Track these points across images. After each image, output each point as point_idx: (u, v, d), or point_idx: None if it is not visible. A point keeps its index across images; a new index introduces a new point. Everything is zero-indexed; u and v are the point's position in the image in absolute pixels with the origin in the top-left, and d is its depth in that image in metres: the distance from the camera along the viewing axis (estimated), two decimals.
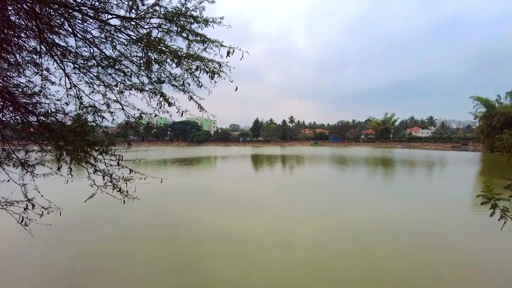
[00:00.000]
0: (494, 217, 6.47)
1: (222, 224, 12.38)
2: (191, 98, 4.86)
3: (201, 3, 4.30)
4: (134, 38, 4.56)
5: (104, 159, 5.41)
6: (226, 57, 4.34)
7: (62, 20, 4.41)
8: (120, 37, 4.64)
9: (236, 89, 4.61)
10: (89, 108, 5.11)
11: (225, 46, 4.38)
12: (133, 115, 5.17)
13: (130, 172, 5.65)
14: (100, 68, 4.91)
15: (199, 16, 4.39)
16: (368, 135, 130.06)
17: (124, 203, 5.74)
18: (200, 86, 4.69)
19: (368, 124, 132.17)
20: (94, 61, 4.85)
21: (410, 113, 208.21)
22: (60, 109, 5.07)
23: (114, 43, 4.68)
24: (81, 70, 4.93)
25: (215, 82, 4.49)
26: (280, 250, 9.58)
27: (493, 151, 56.30)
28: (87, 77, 5.00)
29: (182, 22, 4.37)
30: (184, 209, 15.10)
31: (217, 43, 4.42)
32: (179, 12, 4.36)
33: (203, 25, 4.39)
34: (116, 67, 4.89)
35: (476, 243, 9.90)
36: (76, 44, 4.73)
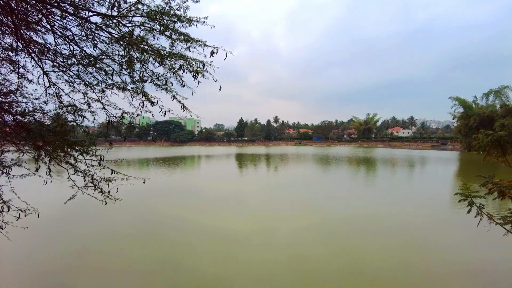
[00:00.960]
0: (471, 214, 6.75)
1: (207, 222, 12.40)
2: (174, 97, 4.81)
3: (185, 2, 4.27)
4: (116, 36, 4.48)
5: (85, 159, 5.29)
6: (210, 57, 4.34)
7: (40, 16, 4.29)
8: (102, 35, 4.55)
9: (220, 89, 4.61)
10: (69, 107, 4.97)
11: (209, 45, 4.37)
12: (114, 115, 5.07)
13: (111, 173, 5.55)
14: (80, 66, 4.79)
15: (183, 15, 4.36)
16: (350, 135, 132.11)
17: (105, 204, 5.63)
18: (184, 86, 4.64)
19: (351, 124, 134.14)
20: (74, 59, 4.73)
21: (391, 113, 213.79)
22: (38, 108, 4.92)
23: (95, 41, 4.58)
24: (61, 69, 4.80)
25: (199, 81, 4.47)
26: (263, 247, 9.68)
27: (470, 151, 58.41)
28: (67, 76, 4.87)
29: (165, 21, 4.33)
30: (168, 208, 14.99)
31: (200, 43, 4.40)
32: (163, 11, 4.32)
33: (186, 24, 4.36)
34: (97, 65, 4.78)
35: (452, 240, 10.22)
36: (55, 42, 4.60)
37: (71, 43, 4.56)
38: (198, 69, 4.40)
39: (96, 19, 4.41)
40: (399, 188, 21.58)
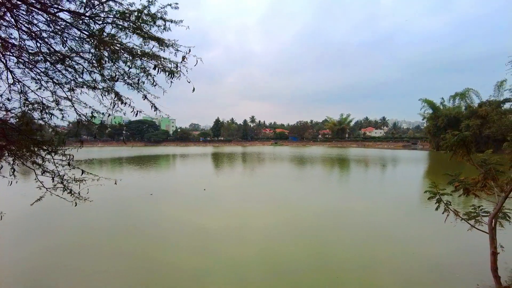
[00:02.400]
0: (439, 211, 7.07)
1: (183, 220, 12.51)
2: (145, 97, 4.71)
3: (164, 7, 4.23)
4: (86, 34, 4.35)
5: (54, 159, 5.11)
6: (181, 62, 4.31)
7: (3, 10, 4.10)
8: (71, 32, 4.41)
9: (194, 90, 4.58)
10: (36, 105, 4.77)
11: (181, 51, 4.34)
12: (85, 114, 4.92)
13: (82, 173, 5.39)
14: (48, 63, 4.61)
15: (162, 17, 4.31)
16: (325, 135, 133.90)
17: (76, 205, 5.46)
18: (155, 85, 4.57)
19: (325, 124, 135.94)
20: (41, 56, 4.54)
21: (364, 114, 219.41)
22: (0, 105, 4.69)
23: (64, 38, 4.42)
24: (26, 65, 4.60)
25: (171, 82, 4.42)
26: (237, 243, 9.91)
27: (438, 150, 60.81)
28: (33, 73, 4.67)
29: (139, 24, 4.25)
30: (143, 206, 14.81)
31: (172, 49, 4.37)
32: (138, 15, 4.24)
33: (162, 29, 4.31)
34: (67, 63, 4.62)
35: (421, 235, 10.61)
36: (20, 37, 4.40)
37: (38, 39, 4.38)
38: (172, 69, 4.35)
39: (66, 16, 4.27)
40: (370, 186, 22.12)
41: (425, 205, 13.50)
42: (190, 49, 4.29)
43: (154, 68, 4.44)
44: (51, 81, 4.78)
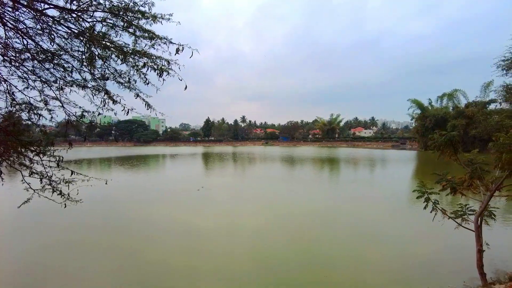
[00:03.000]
0: (427, 210, 7.20)
1: (174, 219, 12.56)
2: (138, 95, 4.65)
3: None
4: (76, 31, 4.26)
5: (42, 160, 5.00)
6: (175, 54, 4.25)
7: None
8: (60, 30, 4.31)
9: (186, 87, 4.54)
10: (23, 105, 4.65)
11: (174, 43, 4.28)
12: (74, 114, 4.82)
13: (71, 174, 5.29)
14: (35, 62, 4.50)
15: (148, 11, 4.24)
16: (315, 135, 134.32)
17: (65, 207, 5.35)
18: (147, 84, 4.51)
19: (315, 124, 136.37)
20: (28, 54, 4.43)
21: (354, 114, 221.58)
22: None
23: (52, 36, 4.33)
24: (13, 63, 4.48)
25: (164, 80, 4.37)
26: (228, 241, 9.98)
27: (427, 150, 61.77)
28: (20, 71, 4.55)
29: (129, 17, 4.19)
30: (135, 206, 14.75)
31: (165, 40, 4.30)
32: (126, 6, 4.17)
33: (151, 21, 4.25)
34: (55, 61, 4.52)
35: (409, 233, 10.80)
36: (5, 34, 4.28)
37: (25, 37, 4.27)
38: (163, 67, 4.30)
39: (54, 12, 4.18)
40: (360, 185, 22.33)
41: (414, 204, 13.71)
42: (183, 47, 4.25)
43: (144, 66, 4.38)
44: (39, 80, 4.67)
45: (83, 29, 4.26)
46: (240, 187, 21.22)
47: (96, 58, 4.42)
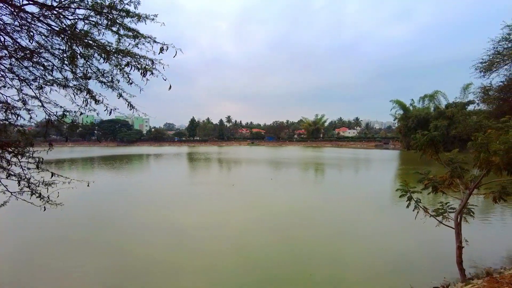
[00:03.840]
0: (410, 208, 7.37)
1: (160, 217, 12.68)
2: (121, 95, 4.55)
3: None
4: (57, 29, 4.14)
5: (20, 162, 4.83)
6: (159, 53, 4.19)
7: None
8: (39, 27, 4.18)
9: (170, 87, 4.48)
10: (0, 105, 4.48)
11: (158, 42, 4.22)
12: (55, 113, 4.68)
13: (52, 176, 5.13)
14: (13, 59, 4.34)
15: (132, 10, 4.16)
16: (300, 135, 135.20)
17: (44, 210, 5.19)
18: (131, 83, 4.42)
19: (301, 125, 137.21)
20: (5, 52, 4.27)
21: (338, 114, 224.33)
22: None
23: (32, 33, 4.18)
24: None
25: (147, 79, 4.29)
26: (212, 238, 10.13)
27: (409, 149, 63.18)
28: None
29: (113, 16, 4.09)
30: (120, 205, 14.74)
31: (149, 39, 4.23)
32: (111, 4, 4.08)
33: (136, 20, 4.17)
34: (34, 59, 4.37)
35: (390, 231, 11.01)
36: None
37: (2, 33, 4.12)
38: (146, 66, 4.22)
39: (33, 9, 4.04)
40: (343, 185, 22.67)
41: (396, 203, 14.00)
42: (167, 46, 4.19)
43: (127, 66, 4.29)
44: (17, 78, 4.51)
45: (64, 26, 4.14)
46: (225, 187, 21.19)
47: (78, 56, 4.30)
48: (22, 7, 3.98)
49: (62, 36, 4.18)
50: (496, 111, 13.27)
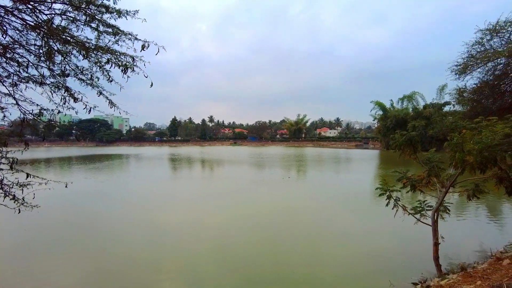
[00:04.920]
0: (389, 207, 7.56)
1: (139, 217, 12.67)
2: (101, 93, 4.43)
3: None
4: (32, 23, 3.99)
5: None
6: (141, 51, 4.10)
7: None
8: (13, 21, 4.01)
9: (152, 85, 4.39)
10: None
11: (140, 39, 4.13)
12: (30, 112, 4.51)
13: (27, 177, 4.93)
14: None
15: (112, 6, 4.06)
16: (283, 135, 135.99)
17: (19, 212, 4.99)
18: (111, 81, 4.31)
19: (283, 125, 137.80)
20: None
21: (320, 115, 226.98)
22: None
23: (5, 28, 4.01)
24: None
25: (128, 77, 4.20)
26: (192, 237, 10.18)
27: (388, 149, 64.71)
28: None
29: (92, 11, 3.98)
30: (101, 205, 14.57)
31: (130, 36, 4.14)
32: (89, 0, 3.96)
33: (116, 16, 4.06)
34: (8, 55, 4.19)
35: (369, 229, 11.19)
36: None
37: None
38: (127, 63, 4.13)
39: (6, 2, 3.88)
40: (324, 184, 22.88)
41: (376, 202, 14.31)
42: (148, 43, 4.11)
43: (107, 63, 4.19)
44: None
45: (40, 21, 3.99)
46: (206, 186, 21.14)
47: (55, 53, 4.16)
48: None
49: (38, 31, 4.03)
50: (470, 112, 13.77)
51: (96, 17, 4.04)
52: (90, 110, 4.41)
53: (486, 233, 10.47)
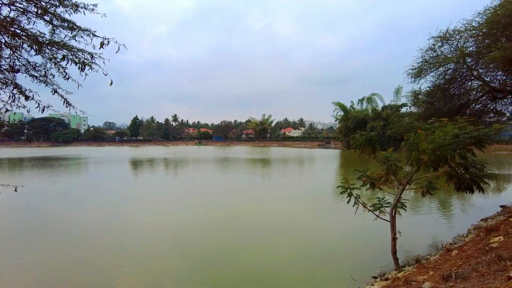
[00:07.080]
0: (349, 204, 7.85)
1: (100, 219, 12.38)
2: (56, 91, 4.14)
3: None
4: None
5: None
6: (100, 48, 3.89)
7: None
8: None
9: (111, 83, 4.18)
10: None
11: (99, 36, 3.92)
12: None
13: None
14: None
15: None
16: (248, 134, 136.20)
17: None
18: (67, 79, 4.05)
19: (248, 125, 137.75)
20: None
21: (284, 115, 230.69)
22: None
23: None
24: None
25: (86, 74, 3.97)
26: (152, 238, 10.09)
27: (349, 148, 67.23)
28: None
29: (43, 3, 3.70)
30: (58, 207, 14.01)
31: (88, 32, 3.91)
32: None
33: (71, 10, 3.81)
34: None
35: (330, 227, 11.60)
36: None
37: None
38: (85, 60, 3.89)
39: None
40: (286, 184, 23.12)
41: (337, 201, 14.79)
42: (108, 40, 3.91)
43: (63, 59, 3.92)
44: None
45: None
46: (170, 186, 20.74)
47: (3, 46, 3.82)
48: None
49: None
50: (424, 114, 14.76)
51: (49, 10, 3.77)
52: (43, 109, 4.10)
53: (438, 226, 11.25)
